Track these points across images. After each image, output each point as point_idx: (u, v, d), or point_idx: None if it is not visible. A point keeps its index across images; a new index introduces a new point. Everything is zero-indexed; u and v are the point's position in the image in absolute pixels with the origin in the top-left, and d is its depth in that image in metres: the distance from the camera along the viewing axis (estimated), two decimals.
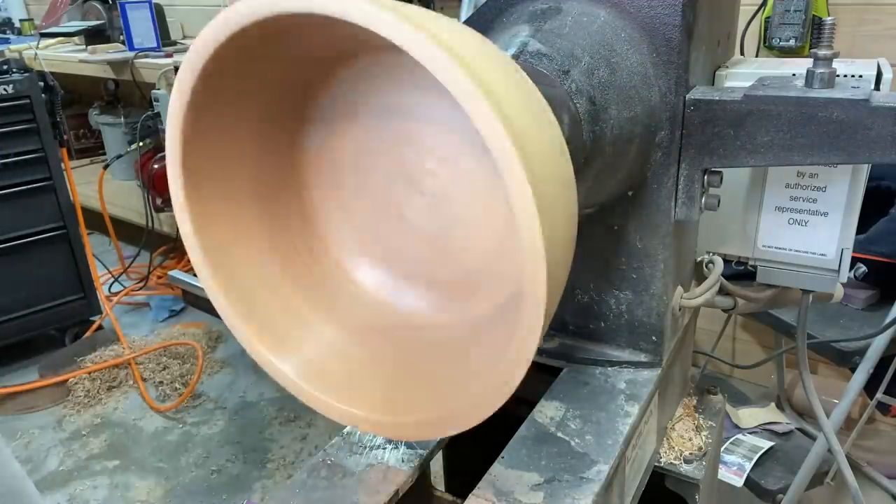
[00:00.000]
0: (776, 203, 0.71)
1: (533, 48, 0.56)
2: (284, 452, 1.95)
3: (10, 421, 2.15)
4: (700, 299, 0.73)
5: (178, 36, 3.00)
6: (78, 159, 3.57)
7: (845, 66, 0.67)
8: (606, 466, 0.58)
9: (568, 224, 0.45)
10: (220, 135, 0.53)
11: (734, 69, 0.72)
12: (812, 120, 0.57)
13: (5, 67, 2.16)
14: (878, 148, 0.56)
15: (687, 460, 0.75)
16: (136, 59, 2.56)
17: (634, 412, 0.64)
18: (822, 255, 0.70)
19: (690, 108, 0.62)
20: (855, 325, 1.44)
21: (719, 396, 0.86)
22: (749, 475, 1.52)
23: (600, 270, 0.71)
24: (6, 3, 3.96)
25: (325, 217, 0.62)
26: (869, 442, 1.70)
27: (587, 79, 0.56)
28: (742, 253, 0.75)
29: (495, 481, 0.56)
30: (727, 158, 0.62)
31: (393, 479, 0.61)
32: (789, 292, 0.78)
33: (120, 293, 2.79)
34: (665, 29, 0.61)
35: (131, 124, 2.91)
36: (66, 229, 2.36)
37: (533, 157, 0.39)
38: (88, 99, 3.46)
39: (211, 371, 2.34)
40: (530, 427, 0.63)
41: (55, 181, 2.29)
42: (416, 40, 0.38)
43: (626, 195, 0.66)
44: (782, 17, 1.66)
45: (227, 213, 0.57)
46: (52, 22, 3.22)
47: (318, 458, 0.64)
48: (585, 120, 0.55)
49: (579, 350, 0.74)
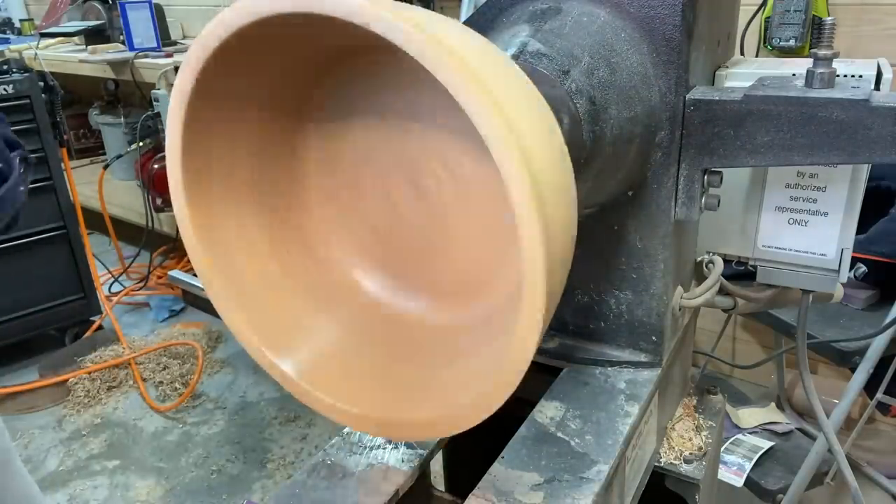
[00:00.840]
0: (776, 203, 0.71)
1: (533, 48, 0.56)
2: (284, 452, 1.95)
3: (10, 421, 2.15)
4: (700, 299, 0.73)
5: (178, 36, 3.00)
6: (78, 159, 3.58)
7: (845, 66, 0.67)
8: (606, 466, 0.58)
9: (568, 224, 0.45)
10: (220, 135, 0.53)
11: (734, 69, 0.72)
12: (812, 120, 0.57)
13: (5, 67, 2.16)
14: (878, 148, 0.56)
15: (687, 460, 0.75)
16: (136, 59, 2.56)
17: (634, 412, 0.64)
18: (822, 255, 0.70)
19: (690, 108, 0.62)
20: (855, 325, 1.44)
21: (719, 396, 0.86)
22: (749, 475, 1.52)
23: (600, 270, 0.71)
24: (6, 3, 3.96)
25: (325, 218, 0.62)
26: (869, 442, 1.70)
27: (587, 79, 0.56)
28: (742, 253, 0.75)
29: (495, 481, 0.56)
30: (727, 158, 0.62)
31: (393, 479, 0.61)
32: (789, 292, 0.78)
33: (120, 293, 2.79)
34: (665, 29, 0.61)
35: (131, 124, 2.91)
36: (66, 229, 2.36)
37: (533, 157, 0.39)
38: (88, 99, 3.46)
39: (211, 371, 2.34)
40: (530, 427, 0.63)
41: (55, 181, 2.29)
42: (417, 41, 0.38)
43: (626, 195, 0.66)
44: (782, 17, 1.66)
45: (228, 214, 0.57)
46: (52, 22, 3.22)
47: (318, 458, 0.64)
48: (585, 120, 0.55)
49: (579, 350, 0.74)
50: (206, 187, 0.54)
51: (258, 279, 0.58)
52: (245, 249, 0.58)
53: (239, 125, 0.54)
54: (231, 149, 0.55)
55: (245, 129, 0.55)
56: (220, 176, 0.55)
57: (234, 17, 0.44)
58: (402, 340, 0.58)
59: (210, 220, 0.55)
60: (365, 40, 0.41)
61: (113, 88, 3.17)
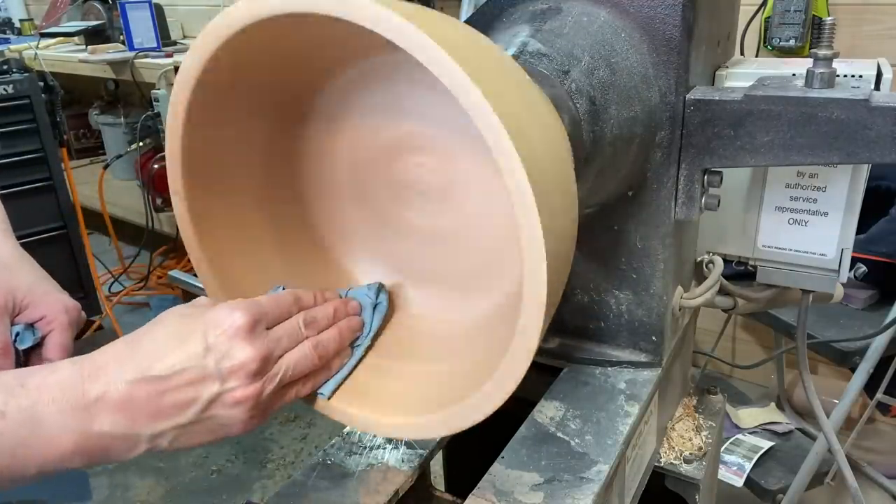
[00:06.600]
0: (776, 203, 0.71)
1: (533, 48, 0.56)
2: (284, 452, 1.95)
3: None
4: (700, 299, 0.73)
5: (178, 36, 3.00)
6: (78, 159, 3.57)
7: (845, 66, 0.67)
8: (606, 466, 0.58)
9: (568, 225, 0.45)
10: (220, 137, 0.53)
11: (734, 69, 0.72)
12: (812, 120, 0.57)
13: (5, 67, 2.16)
14: (878, 148, 0.55)
15: (687, 460, 0.75)
16: (136, 59, 2.56)
17: (634, 412, 0.64)
18: (822, 255, 0.70)
19: (690, 108, 0.62)
20: (855, 325, 1.44)
21: (719, 396, 0.86)
22: (749, 475, 1.52)
23: (600, 270, 0.71)
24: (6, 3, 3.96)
25: (326, 216, 0.62)
26: (869, 442, 1.70)
27: (587, 79, 0.56)
28: (742, 253, 0.75)
29: (495, 481, 0.56)
30: (727, 158, 0.62)
31: (393, 479, 0.61)
32: (789, 292, 0.78)
33: (120, 293, 2.79)
34: (665, 29, 0.61)
35: (131, 124, 2.91)
36: (66, 229, 2.35)
37: (534, 158, 0.39)
38: (88, 99, 3.46)
39: None
40: (530, 427, 0.63)
41: (55, 181, 2.28)
42: (418, 41, 0.38)
43: (627, 195, 0.66)
44: (782, 17, 1.66)
45: (228, 212, 0.57)
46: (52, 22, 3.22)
47: (318, 458, 0.64)
48: (585, 120, 0.55)
49: (579, 350, 0.74)
50: (205, 185, 0.54)
51: (258, 276, 0.58)
52: (245, 247, 0.58)
53: (239, 126, 0.54)
54: (231, 146, 0.55)
55: (245, 131, 0.55)
56: (220, 174, 0.55)
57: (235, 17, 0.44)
58: (401, 339, 0.58)
59: (210, 218, 0.55)
60: (368, 41, 0.41)
61: (113, 88, 3.17)
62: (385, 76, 0.54)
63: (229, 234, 0.57)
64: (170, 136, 0.51)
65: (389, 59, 0.52)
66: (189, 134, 0.50)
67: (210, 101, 0.50)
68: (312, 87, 0.56)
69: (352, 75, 0.55)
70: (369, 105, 0.56)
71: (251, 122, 0.55)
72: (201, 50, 0.47)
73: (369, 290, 0.57)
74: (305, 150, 0.60)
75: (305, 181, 0.61)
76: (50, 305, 0.63)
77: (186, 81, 0.48)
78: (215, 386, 0.44)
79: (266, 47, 0.48)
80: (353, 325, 0.54)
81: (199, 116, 0.50)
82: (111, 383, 0.43)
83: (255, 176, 0.58)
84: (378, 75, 0.54)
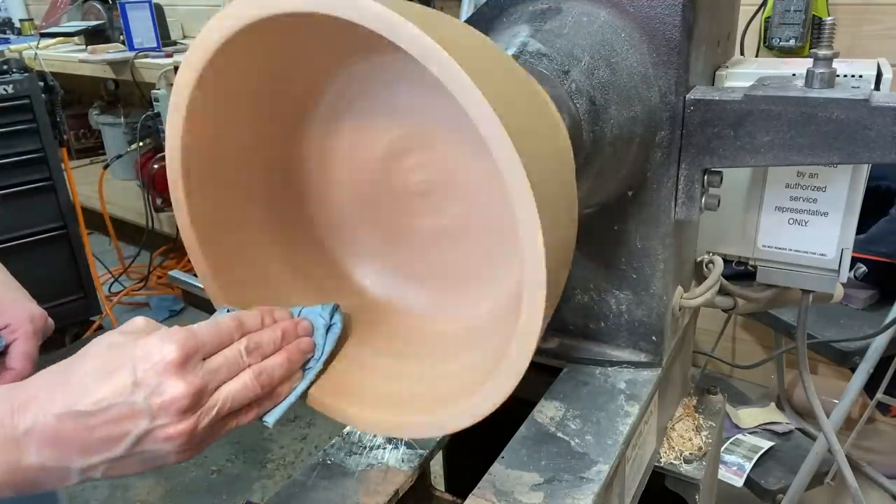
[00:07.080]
0: (776, 203, 0.71)
1: (533, 48, 0.56)
2: (284, 452, 1.95)
3: None
4: (700, 299, 0.73)
5: (178, 36, 3.00)
6: (78, 159, 3.57)
7: (845, 66, 0.67)
8: (606, 466, 0.58)
9: (568, 225, 0.45)
10: (220, 137, 0.53)
11: (734, 69, 0.72)
12: (812, 120, 0.57)
13: (5, 67, 2.16)
14: (878, 148, 0.56)
15: (687, 460, 0.75)
16: (136, 59, 2.56)
17: (634, 412, 0.64)
18: (822, 255, 0.70)
19: (690, 108, 0.62)
20: (855, 325, 1.44)
21: (719, 396, 0.86)
22: (749, 475, 1.52)
23: (600, 270, 0.71)
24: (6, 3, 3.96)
25: (326, 216, 0.62)
26: (869, 442, 1.70)
27: (587, 79, 0.56)
28: (742, 253, 0.75)
29: (495, 481, 0.56)
30: (727, 158, 0.62)
31: (393, 479, 0.61)
32: (789, 292, 0.78)
33: (120, 293, 2.79)
34: (665, 29, 0.61)
35: (131, 124, 2.91)
36: (66, 229, 2.35)
37: (534, 158, 0.39)
38: (88, 99, 3.46)
39: None
40: (530, 427, 0.63)
41: (55, 181, 2.29)
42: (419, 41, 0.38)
43: (627, 195, 0.66)
44: (782, 17, 1.66)
45: (228, 212, 0.57)
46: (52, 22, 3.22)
47: (318, 458, 0.64)
48: (585, 120, 0.55)
49: (579, 350, 0.74)
50: (205, 185, 0.54)
51: (258, 277, 0.58)
52: (245, 247, 0.58)
53: (240, 123, 0.54)
54: (231, 146, 0.55)
55: (246, 126, 0.55)
56: (220, 173, 0.55)
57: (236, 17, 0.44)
58: (401, 339, 0.58)
59: (210, 218, 0.55)
60: (368, 41, 0.41)
61: (113, 88, 3.17)
62: (385, 76, 0.54)
63: (230, 235, 0.57)
64: (170, 137, 0.51)
65: (389, 59, 0.52)
66: (189, 134, 0.50)
67: (210, 101, 0.50)
68: (312, 87, 0.56)
69: (351, 75, 0.55)
70: (369, 105, 0.56)
71: (252, 122, 0.55)
72: (202, 49, 0.47)
73: (323, 310, 0.54)
74: (306, 151, 0.60)
75: (306, 182, 0.61)
76: (15, 314, 0.62)
77: (187, 81, 0.48)
78: (145, 422, 0.42)
79: (267, 47, 0.48)
80: (303, 348, 0.51)
81: (199, 117, 0.50)
82: (39, 416, 0.42)
83: (255, 176, 0.58)
84: (378, 75, 0.54)
